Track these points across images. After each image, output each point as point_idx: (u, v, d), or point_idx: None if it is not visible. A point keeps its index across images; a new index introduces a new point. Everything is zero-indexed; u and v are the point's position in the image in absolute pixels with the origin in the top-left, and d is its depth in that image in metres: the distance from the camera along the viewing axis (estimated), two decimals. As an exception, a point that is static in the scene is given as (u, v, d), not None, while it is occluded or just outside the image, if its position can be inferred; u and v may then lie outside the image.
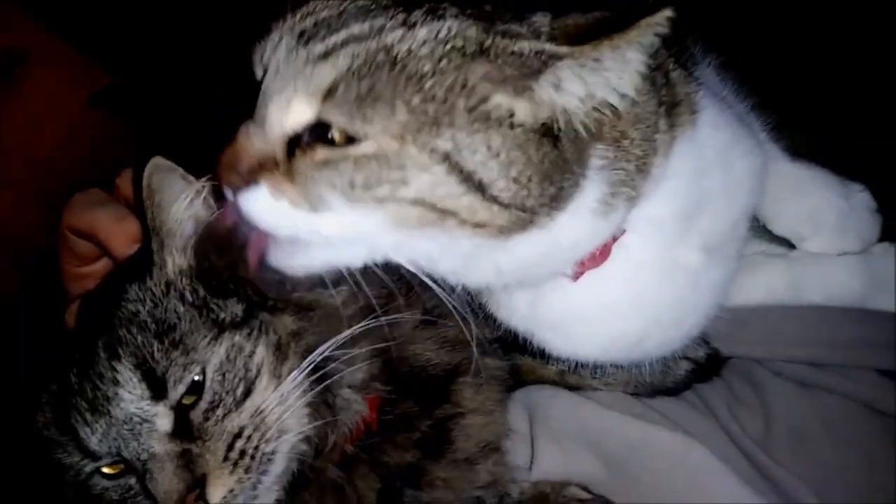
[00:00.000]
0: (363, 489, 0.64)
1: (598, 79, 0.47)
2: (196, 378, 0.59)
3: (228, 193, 0.50)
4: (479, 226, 0.49)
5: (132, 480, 0.60)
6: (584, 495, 0.68)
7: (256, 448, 0.58)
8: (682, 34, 0.73)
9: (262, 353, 0.61)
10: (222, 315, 0.61)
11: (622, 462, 0.69)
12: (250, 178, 0.48)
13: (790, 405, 0.71)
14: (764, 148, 0.70)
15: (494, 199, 0.48)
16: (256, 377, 0.60)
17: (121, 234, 0.67)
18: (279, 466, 0.61)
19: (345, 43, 0.47)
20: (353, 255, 0.52)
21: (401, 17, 0.48)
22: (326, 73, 0.46)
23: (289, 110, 0.48)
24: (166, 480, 0.56)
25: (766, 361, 0.73)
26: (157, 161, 0.63)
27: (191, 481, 0.56)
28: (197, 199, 0.63)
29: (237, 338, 0.60)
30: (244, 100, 0.52)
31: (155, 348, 0.58)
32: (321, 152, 0.47)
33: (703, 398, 0.74)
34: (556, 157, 0.48)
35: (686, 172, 0.57)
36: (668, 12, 0.44)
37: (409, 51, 0.46)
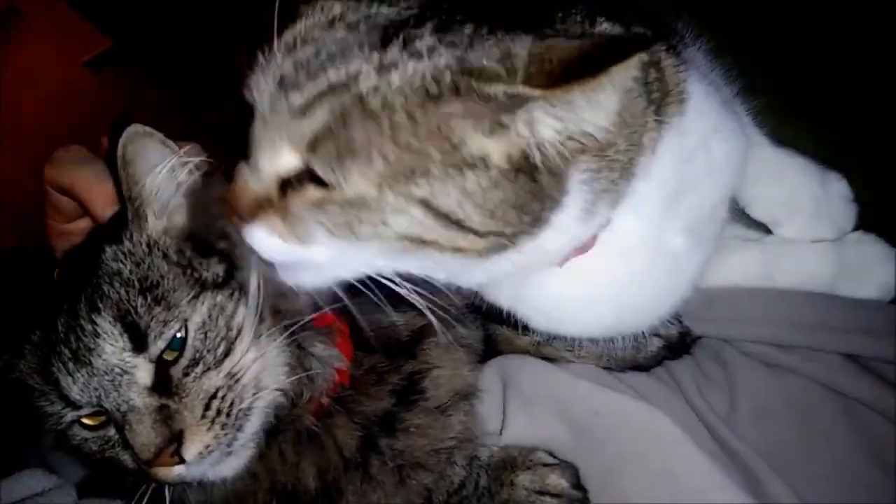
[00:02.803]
0: (342, 437, 0.64)
1: (573, 116, 0.47)
2: (179, 335, 0.59)
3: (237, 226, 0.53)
4: (457, 251, 0.50)
5: (111, 432, 0.61)
6: (551, 460, 0.69)
7: (231, 405, 0.59)
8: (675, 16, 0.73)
9: (242, 312, 0.61)
10: (205, 274, 0.61)
11: (588, 429, 0.70)
12: (249, 216, 0.52)
13: (755, 384, 0.71)
14: (747, 133, 0.69)
15: (473, 231, 0.49)
16: (237, 337, 0.60)
17: (101, 195, 0.66)
18: (256, 422, 0.61)
19: (322, 95, 0.47)
20: (349, 273, 0.54)
21: (376, 57, 0.47)
22: (307, 128, 0.47)
23: (277, 159, 0.50)
24: (144, 433, 0.57)
25: (734, 341, 0.74)
26: (134, 129, 0.62)
27: (168, 436, 0.57)
28: (178, 165, 0.63)
29: (219, 297, 0.61)
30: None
31: (138, 303, 0.59)
32: (311, 193, 0.49)
33: (672, 374, 0.75)
34: (534, 188, 0.49)
35: (671, 159, 0.56)
36: (642, 55, 0.44)
37: (384, 102, 0.46)
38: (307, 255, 0.52)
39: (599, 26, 0.54)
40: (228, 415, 0.59)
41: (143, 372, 0.59)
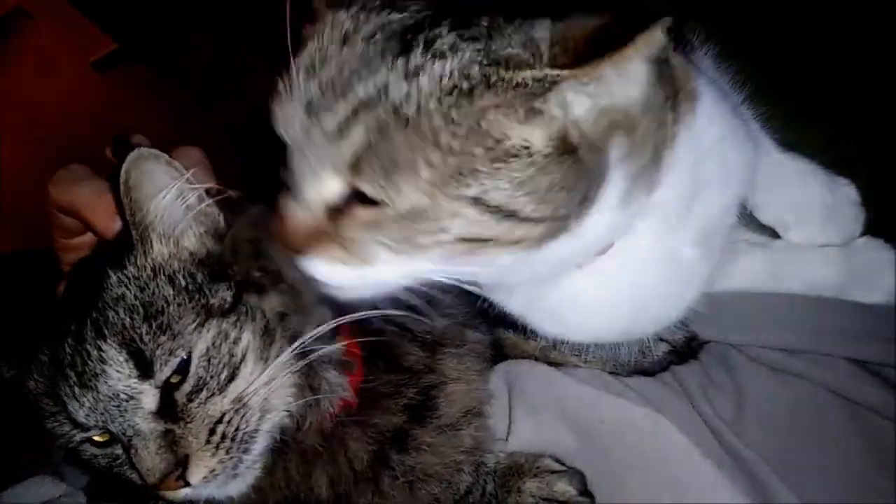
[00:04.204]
0: (354, 449, 0.64)
1: (604, 91, 0.46)
2: (183, 357, 0.58)
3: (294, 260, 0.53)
4: (517, 242, 0.50)
5: (118, 450, 0.60)
6: (558, 467, 0.68)
7: (237, 430, 0.58)
8: (681, 21, 0.72)
9: (247, 338, 0.60)
10: (213, 301, 0.60)
11: (594, 435, 0.69)
12: (305, 249, 0.51)
13: (762, 389, 0.70)
14: (755, 138, 0.68)
15: (528, 219, 0.49)
16: (241, 362, 0.59)
17: (101, 210, 0.65)
18: (261, 444, 0.61)
19: (355, 112, 0.46)
20: (400, 283, 0.54)
21: (401, 65, 0.46)
22: (346, 150, 0.46)
23: (322, 187, 0.49)
24: (149, 458, 0.56)
25: (741, 346, 0.73)
26: (138, 154, 0.60)
27: (173, 461, 0.56)
28: (186, 188, 0.62)
29: (224, 325, 0.59)
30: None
31: (143, 331, 0.57)
32: (361, 214, 0.49)
33: (679, 379, 0.74)
34: (578, 166, 0.48)
35: (686, 161, 0.55)
36: (666, 22, 0.42)
37: (418, 108, 0.45)
38: (373, 274, 0.51)
39: None
40: (234, 439, 0.58)
41: (149, 398, 0.58)
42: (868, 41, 0.81)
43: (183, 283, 0.61)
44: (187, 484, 0.57)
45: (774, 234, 0.75)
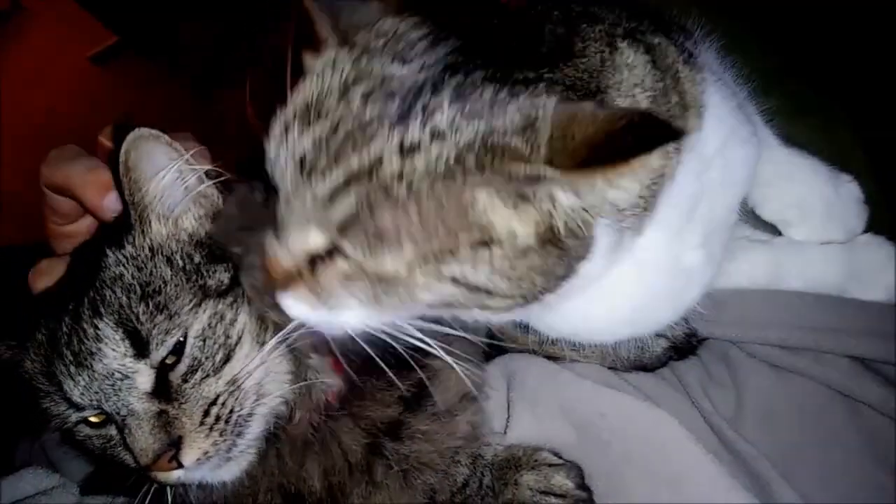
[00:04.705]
0: (348, 442, 0.63)
1: (594, 197, 0.46)
2: (179, 338, 0.58)
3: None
4: (485, 308, 0.51)
5: (112, 431, 0.60)
6: (555, 460, 0.68)
7: (231, 412, 0.58)
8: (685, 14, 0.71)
9: (243, 320, 0.60)
10: (210, 282, 0.60)
11: (593, 429, 0.69)
12: (282, 286, 0.53)
13: (762, 386, 0.70)
14: (759, 134, 0.67)
15: (502, 295, 0.50)
16: (237, 344, 0.59)
17: (93, 184, 0.64)
18: (256, 429, 0.60)
19: (346, 183, 0.46)
20: (374, 327, 0.54)
21: (397, 138, 0.46)
22: (335, 216, 0.47)
23: (306, 240, 0.50)
24: (142, 438, 0.56)
25: (741, 343, 0.72)
26: (137, 133, 0.60)
27: (166, 441, 0.56)
28: (186, 169, 0.61)
29: (220, 306, 0.59)
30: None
31: (140, 310, 0.57)
32: (341, 266, 0.50)
33: (678, 375, 0.73)
34: (561, 252, 0.49)
35: (691, 172, 0.55)
36: (669, 146, 0.43)
37: (409, 189, 0.45)
38: (337, 319, 0.53)
39: (619, 55, 0.53)
40: (227, 421, 0.58)
41: (144, 377, 0.58)
42: (872, 36, 0.81)
43: (181, 264, 0.60)
44: (180, 465, 0.57)
45: (776, 231, 0.75)
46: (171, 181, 0.62)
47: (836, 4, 0.83)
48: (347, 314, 0.52)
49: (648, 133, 0.42)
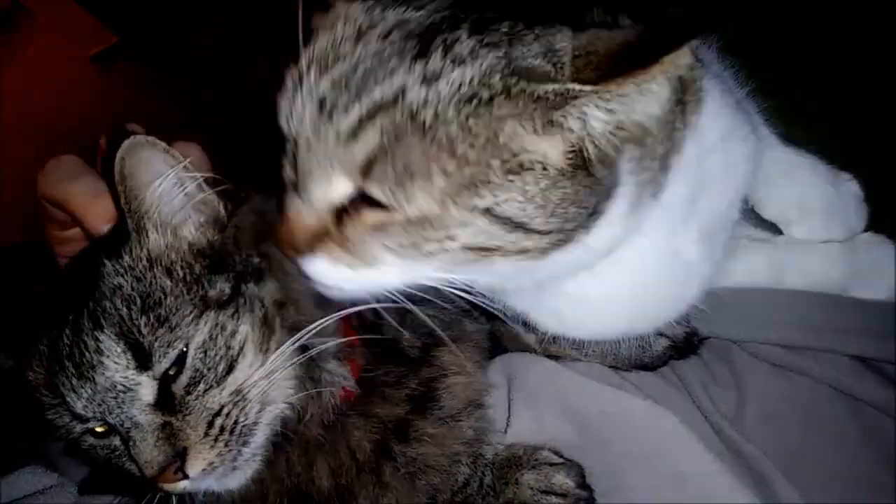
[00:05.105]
0: (357, 439, 0.63)
1: (625, 108, 0.45)
2: (182, 349, 0.57)
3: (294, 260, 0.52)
4: (523, 252, 0.50)
5: (117, 441, 0.59)
6: (556, 459, 0.68)
7: (236, 423, 0.57)
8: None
9: (245, 330, 0.59)
10: (211, 293, 0.59)
11: (595, 428, 0.69)
12: (308, 249, 0.51)
13: (764, 385, 0.70)
14: (759, 133, 0.67)
15: (536, 231, 0.48)
16: (239, 354, 0.58)
17: (95, 213, 0.63)
18: (261, 437, 0.60)
19: (370, 115, 0.45)
20: (407, 284, 0.53)
21: (419, 69, 0.45)
22: (359, 152, 0.45)
23: (330, 188, 0.48)
24: (147, 450, 0.56)
25: (743, 342, 0.72)
26: (133, 141, 0.58)
27: (171, 453, 0.56)
28: (184, 177, 0.60)
29: (221, 317, 0.58)
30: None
31: (141, 323, 0.56)
32: (369, 216, 0.48)
33: (679, 375, 0.73)
34: (590, 181, 0.47)
35: (691, 159, 0.55)
36: (693, 42, 0.42)
37: (436, 114, 0.44)
38: (373, 276, 0.51)
39: (623, 21, 0.51)
40: (232, 432, 0.57)
41: (147, 389, 0.57)
42: (871, 36, 0.80)
43: (181, 274, 0.59)
44: (186, 476, 0.56)
45: (776, 230, 0.75)
46: (169, 189, 0.60)
47: (837, 5, 0.83)
48: (382, 270, 0.50)
49: (669, 35, 0.41)
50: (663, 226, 0.58)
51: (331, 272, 0.51)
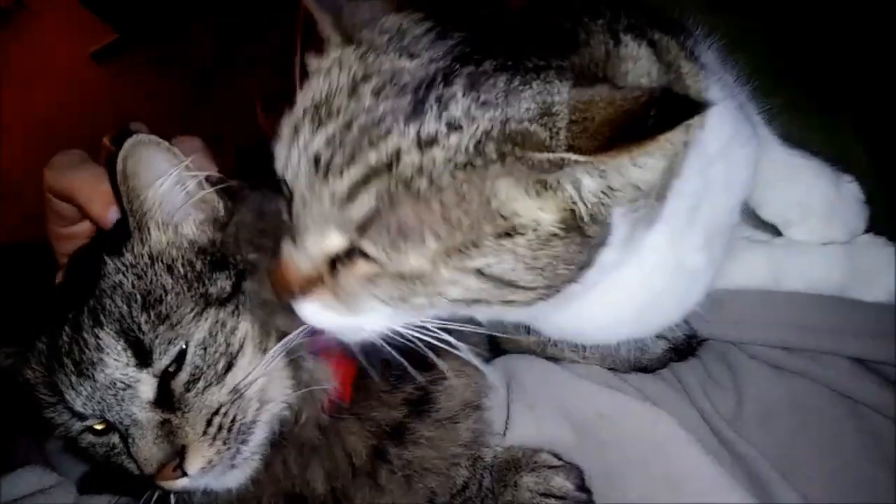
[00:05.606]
0: (353, 443, 0.63)
1: (619, 176, 0.46)
2: (182, 346, 0.57)
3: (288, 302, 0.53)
4: (508, 304, 0.51)
5: (116, 439, 0.59)
6: (555, 462, 0.68)
7: (234, 421, 0.57)
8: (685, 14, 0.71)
9: (245, 328, 0.59)
10: (211, 290, 0.59)
11: (592, 430, 0.68)
12: (301, 294, 0.52)
13: (761, 386, 0.69)
14: (759, 134, 0.67)
15: (526, 287, 0.49)
16: (239, 352, 0.59)
17: (98, 198, 0.64)
18: (260, 436, 0.60)
19: (365, 180, 0.45)
20: (394, 328, 0.54)
21: (413, 131, 0.45)
22: (354, 214, 0.46)
23: (325, 242, 0.49)
24: (146, 448, 0.56)
25: (741, 344, 0.72)
26: (136, 140, 0.58)
27: (170, 451, 0.56)
28: (185, 174, 0.60)
29: (222, 314, 0.58)
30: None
31: (142, 320, 0.57)
32: (362, 268, 0.49)
33: (678, 376, 0.73)
34: (583, 240, 0.48)
35: (694, 171, 0.55)
36: (691, 120, 0.41)
37: (430, 182, 0.44)
38: (360, 324, 0.52)
39: (624, 48, 0.53)
40: (231, 430, 0.57)
41: (147, 387, 0.57)
42: (872, 36, 0.80)
43: (182, 272, 0.60)
44: (185, 474, 0.57)
45: (776, 232, 0.74)
46: (171, 187, 0.61)
47: (837, 4, 0.83)
48: (370, 316, 0.52)
49: (671, 108, 0.41)
50: (666, 237, 0.58)
51: (321, 315, 0.53)
